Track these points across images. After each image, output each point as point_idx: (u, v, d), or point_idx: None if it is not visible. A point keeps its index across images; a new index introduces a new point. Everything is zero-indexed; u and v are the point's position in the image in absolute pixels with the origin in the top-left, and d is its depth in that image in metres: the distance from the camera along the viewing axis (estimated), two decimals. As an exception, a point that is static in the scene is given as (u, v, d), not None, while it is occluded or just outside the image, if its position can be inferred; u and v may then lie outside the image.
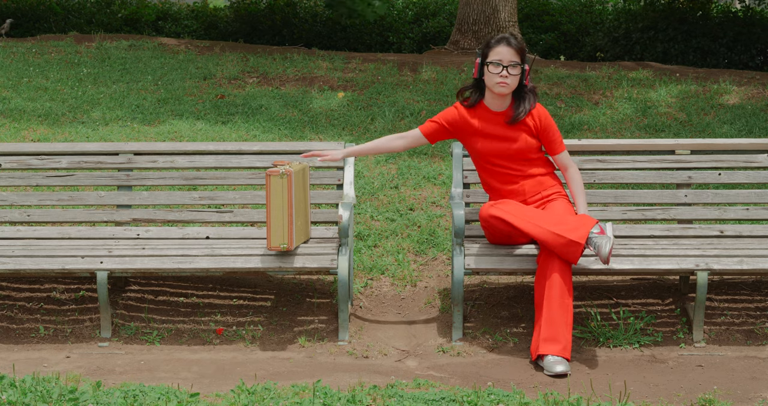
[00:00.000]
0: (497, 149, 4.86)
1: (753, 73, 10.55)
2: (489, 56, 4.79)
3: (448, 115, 4.93)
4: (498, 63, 4.75)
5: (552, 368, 4.46)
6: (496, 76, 4.76)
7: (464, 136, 4.93)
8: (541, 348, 4.53)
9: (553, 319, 4.54)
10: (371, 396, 4.01)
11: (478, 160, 4.95)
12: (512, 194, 4.89)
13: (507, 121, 4.84)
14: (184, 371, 4.58)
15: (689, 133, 7.80)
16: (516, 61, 4.76)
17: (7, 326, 5.11)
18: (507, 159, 4.87)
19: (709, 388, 4.30)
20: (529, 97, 4.87)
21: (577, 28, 13.58)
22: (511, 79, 4.77)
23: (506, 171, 4.89)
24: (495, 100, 4.86)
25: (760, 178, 5.33)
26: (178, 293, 5.39)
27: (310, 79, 9.68)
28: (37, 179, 5.42)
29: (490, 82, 4.79)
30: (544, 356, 4.52)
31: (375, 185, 6.61)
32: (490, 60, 4.77)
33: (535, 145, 4.87)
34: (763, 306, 5.19)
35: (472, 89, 4.92)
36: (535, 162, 4.90)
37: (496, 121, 4.87)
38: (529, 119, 4.86)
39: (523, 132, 4.85)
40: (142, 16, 14.26)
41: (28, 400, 3.78)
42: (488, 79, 4.80)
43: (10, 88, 9.08)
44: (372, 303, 5.36)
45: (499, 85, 4.76)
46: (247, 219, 5.33)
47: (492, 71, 4.76)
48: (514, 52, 4.76)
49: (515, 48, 4.77)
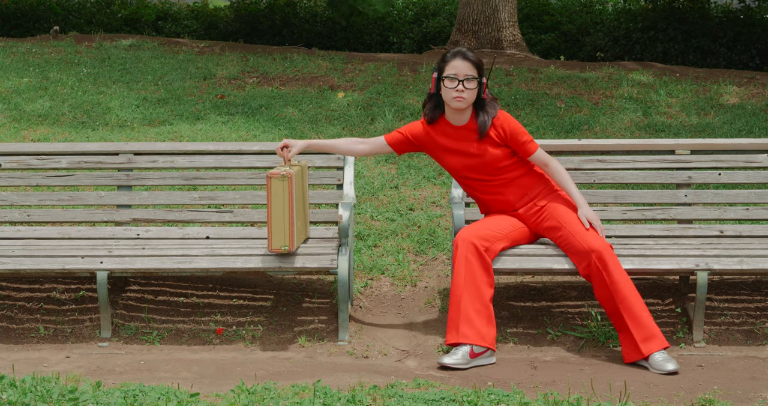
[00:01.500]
0: (467, 164, 4.82)
1: (753, 73, 10.55)
2: (445, 70, 4.72)
3: (414, 129, 4.89)
4: (453, 77, 4.68)
5: (663, 367, 4.50)
6: (452, 90, 4.69)
7: (432, 151, 4.90)
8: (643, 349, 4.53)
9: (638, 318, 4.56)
10: (371, 396, 4.01)
11: (453, 174, 4.94)
12: (498, 204, 4.88)
13: (476, 137, 4.77)
14: (184, 371, 4.58)
15: (689, 133, 7.80)
16: (472, 74, 4.69)
17: (7, 326, 5.11)
18: (480, 172, 4.82)
19: (709, 388, 4.30)
20: (488, 108, 4.79)
21: (577, 28, 13.57)
22: (467, 94, 4.70)
23: (483, 183, 4.85)
24: (455, 114, 4.79)
25: (760, 178, 5.33)
26: (178, 293, 5.39)
27: (310, 79, 9.68)
28: (37, 179, 5.42)
29: (447, 97, 4.72)
30: (650, 355, 4.54)
31: (375, 185, 6.61)
32: (446, 74, 4.70)
33: (502, 154, 4.80)
34: (763, 306, 5.19)
35: (431, 104, 4.85)
36: (510, 168, 4.83)
37: (459, 136, 4.81)
38: (492, 131, 4.78)
39: (488, 145, 4.79)
40: (142, 16, 14.26)
41: (28, 400, 3.78)
42: (445, 94, 4.73)
43: (10, 88, 9.08)
44: (372, 303, 5.36)
45: (456, 99, 4.69)
46: (247, 219, 5.33)
47: (448, 86, 4.70)
48: (471, 65, 4.70)
49: (471, 61, 4.71)
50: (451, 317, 4.63)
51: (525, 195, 4.85)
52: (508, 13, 11.49)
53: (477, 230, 4.71)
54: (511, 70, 9.99)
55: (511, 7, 11.51)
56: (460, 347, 4.58)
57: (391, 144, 4.93)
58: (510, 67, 10.21)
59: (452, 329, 4.61)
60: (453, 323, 4.61)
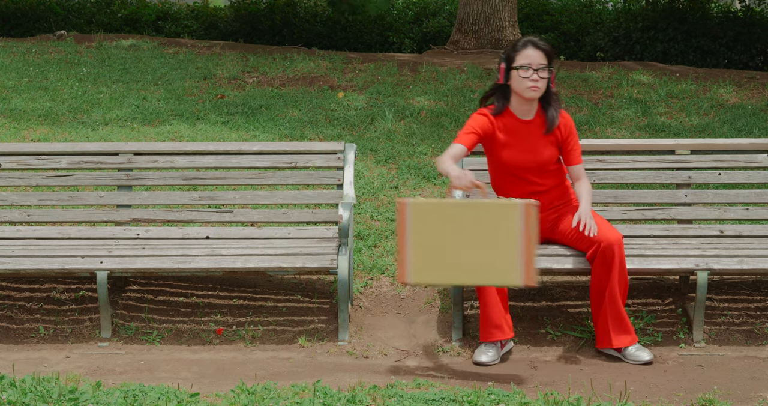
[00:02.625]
0: (523, 161, 4.70)
1: (753, 73, 10.55)
2: (516, 60, 4.60)
3: (482, 124, 4.66)
4: (527, 67, 4.58)
5: (639, 358, 4.64)
6: (527, 80, 4.58)
7: (490, 145, 4.73)
8: (615, 342, 4.65)
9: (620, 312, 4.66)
10: (371, 396, 4.01)
11: (498, 169, 4.78)
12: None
13: (541, 133, 4.69)
14: (184, 371, 4.58)
15: (689, 133, 7.80)
16: (545, 63, 4.60)
17: (7, 326, 5.11)
18: (530, 171, 4.72)
19: (709, 388, 4.30)
20: (554, 102, 4.71)
21: (577, 28, 13.57)
22: (541, 83, 4.59)
23: (526, 183, 4.74)
24: (523, 106, 4.68)
25: (760, 178, 5.33)
26: (178, 293, 5.39)
27: (310, 79, 9.68)
28: (37, 179, 5.42)
29: (520, 87, 4.61)
30: (624, 349, 4.66)
31: (375, 185, 6.61)
32: (519, 64, 4.59)
33: (556, 155, 4.74)
34: (763, 306, 5.19)
35: (496, 96, 4.71)
36: (554, 173, 4.77)
37: (523, 130, 4.69)
38: (563, 128, 4.72)
39: (548, 142, 4.71)
40: (142, 16, 14.25)
41: (28, 400, 3.78)
42: (517, 84, 4.61)
43: (10, 88, 9.08)
44: (372, 303, 5.36)
45: (531, 89, 4.58)
46: (247, 219, 5.33)
47: (522, 76, 4.58)
48: (543, 54, 4.60)
49: (543, 50, 4.61)
50: (484, 317, 4.66)
51: (551, 204, 4.80)
52: (508, 13, 11.49)
53: None
54: (511, 70, 9.98)
55: (511, 7, 11.51)
56: (491, 344, 4.67)
57: (468, 148, 4.62)
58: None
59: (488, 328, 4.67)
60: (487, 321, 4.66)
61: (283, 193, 5.41)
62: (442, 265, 4.24)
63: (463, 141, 4.59)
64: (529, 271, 4.21)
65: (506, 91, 4.70)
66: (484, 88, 9.13)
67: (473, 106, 8.54)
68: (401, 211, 4.25)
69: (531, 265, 4.21)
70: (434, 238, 4.22)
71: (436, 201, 4.39)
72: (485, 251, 4.20)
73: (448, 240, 4.22)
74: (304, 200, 5.38)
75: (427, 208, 4.26)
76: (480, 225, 4.22)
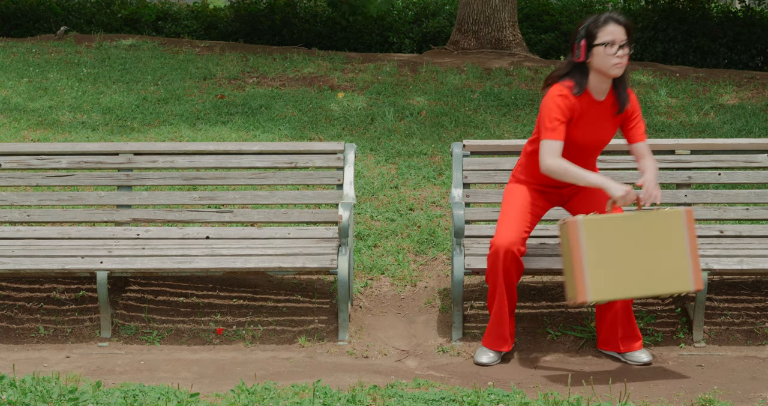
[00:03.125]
0: (587, 141, 4.56)
1: (753, 73, 10.55)
2: (599, 37, 4.42)
3: (565, 108, 4.47)
4: (612, 43, 4.42)
5: (639, 359, 4.64)
6: (612, 57, 4.41)
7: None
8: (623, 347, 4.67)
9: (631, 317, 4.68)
10: (371, 396, 4.01)
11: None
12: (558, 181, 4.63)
13: (616, 112, 4.54)
14: (184, 371, 4.58)
15: (689, 133, 7.80)
16: (626, 39, 4.45)
17: (7, 326, 5.11)
18: (588, 151, 4.60)
19: (709, 388, 4.30)
20: (626, 81, 4.57)
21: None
22: (625, 60, 4.44)
23: (578, 160, 4.60)
24: (602, 84, 4.50)
25: (760, 178, 5.33)
26: (178, 293, 5.39)
27: (310, 79, 9.68)
28: (37, 179, 5.42)
29: (605, 65, 4.43)
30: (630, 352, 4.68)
31: (375, 185, 6.61)
32: (603, 41, 4.41)
33: (613, 135, 4.63)
34: (763, 306, 5.19)
35: (573, 75, 4.52)
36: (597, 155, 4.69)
37: (597, 110, 4.54)
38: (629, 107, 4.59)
39: (615, 123, 4.58)
40: (142, 16, 14.25)
41: (28, 400, 3.78)
42: (601, 61, 4.43)
43: (10, 88, 9.08)
44: (372, 303, 5.36)
45: (616, 66, 4.42)
46: (247, 219, 5.33)
47: (607, 52, 4.41)
48: (624, 30, 4.44)
49: (624, 26, 4.44)
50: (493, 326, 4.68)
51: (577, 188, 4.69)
52: (508, 13, 11.48)
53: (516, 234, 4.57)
54: (511, 70, 9.98)
55: (511, 7, 11.51)
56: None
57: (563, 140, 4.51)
58: (510, 67, 10.21)
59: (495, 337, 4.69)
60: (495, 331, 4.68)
61: (283, 193, 5.41)
62: (620, 279, 4.31)
63: (559, 136, 4.47)
64: (697, 275, 4.36)
65: (585, 69, 4.52)
66: (484, 88, 9.13)
67: (473, 106, 8.54)
68: (572, 230, 4.29)
69: (698, 268, 4.37)
70: (608, 253, 4.30)
71: (606, 217, 4.38)
72: (656, 260, 4.32)
73: (622, 254, 4.30)
74: (304, 200, 5.38)
75: (599, 224, 4.31)
76: (649, 236, 4.33)
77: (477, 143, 5.32)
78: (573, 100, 4.48)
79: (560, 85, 4.51)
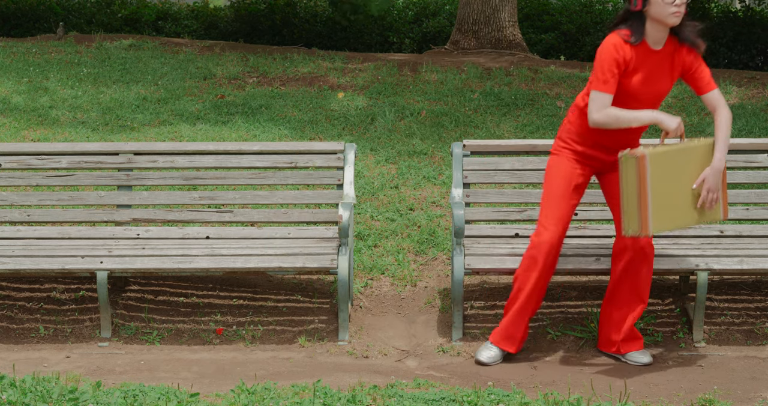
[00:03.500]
0: (644, 92, 4.44)
1: (753, 73, 10.55)
2: None
3: (620, 59, 4.37)
4: None
5: (639, 360, 4.65)
6: (670, 5, 4.30)
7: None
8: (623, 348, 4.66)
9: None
10: (371, 396, 4.01)
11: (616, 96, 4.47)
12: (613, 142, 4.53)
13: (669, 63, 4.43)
14: (184, 371, 4.58)
15: (689, 133, 7.80)
16: None
17: (7, 326, 5.11)
18: (645, 103, 4.46)
19: (709, 388, 4.30)
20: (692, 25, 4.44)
21: (577, 28, 13.56)
22: (683, 8, 4.34)
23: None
24: (659, 33, 4.39)
25: (760, 178, 5.33)
26: (178, 293, 5.39)
27: (310, 79, 9.68)
28: (37, 179, 5.42)
29: (663, 13, 4.32)
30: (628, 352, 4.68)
31: (375, 185, 6.61)
32: None
33: (670, 88, 4.51)
34: (763, 306, 5.19)
35: (631, 23, 4.40)
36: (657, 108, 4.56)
37: (653, 61, 4.43)
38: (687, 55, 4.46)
39: (672, 76, 4.47)
40: (142, 16, 14.25)
41: (28, 400, 3.78)
42: (658, 9, 4.32)
43: (10, 88, 9.08)
44: (372, 303, 5.36)
45: (674, 15, 4.32)
46: (247, 219, 5.33)
47: (666, 1, 4.29)
48: None
49: None
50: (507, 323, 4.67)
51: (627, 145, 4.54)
52: (508, 13, 11.48)
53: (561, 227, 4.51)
54: (511, 70, 9.98)
55: (511, 7, 11.50)
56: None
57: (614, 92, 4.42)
58: (510, 67, 10.21)
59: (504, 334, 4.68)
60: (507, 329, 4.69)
61: (283, 193, 5.41)
62: (673, 211, 4.38)
63: (610, 89, 4.38)
64: (725, 207, 4.51)
65: (642, 17, 4.40)
66: (484, 88, 9.13)
67: (473, 106, 8.54)
68: (641, 164, 4.28)
69: (726, 199, 4.52)
70: (666, 185, 4.35)
71: (666, 149, 4.39)
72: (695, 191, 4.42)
73: (675, 186, 4.39)
74: (304, 200, 5.38)
75: (662, 157, 4.34)
76: (694, 168, 4.42)
77: (477, 143, 5.32)
78: (628, 50, 4.39)
79: (616, 34, 4.42)
